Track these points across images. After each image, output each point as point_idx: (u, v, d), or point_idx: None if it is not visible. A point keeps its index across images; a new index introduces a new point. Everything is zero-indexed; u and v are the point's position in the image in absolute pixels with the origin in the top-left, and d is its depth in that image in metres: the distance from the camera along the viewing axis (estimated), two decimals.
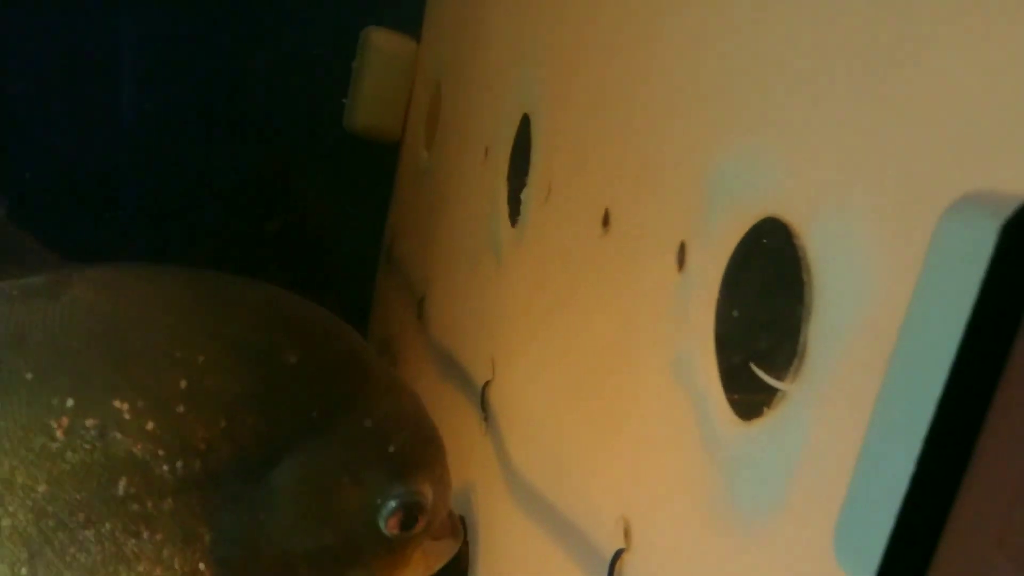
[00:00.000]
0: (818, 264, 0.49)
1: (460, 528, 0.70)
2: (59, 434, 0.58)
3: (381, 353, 1.44)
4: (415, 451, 0.66)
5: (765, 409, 0.53)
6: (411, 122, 1.51)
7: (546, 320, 0.87)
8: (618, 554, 0.72)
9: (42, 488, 0.58)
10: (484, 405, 1.01)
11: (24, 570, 0.58)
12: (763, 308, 0.54)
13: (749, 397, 0.54)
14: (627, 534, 0.70)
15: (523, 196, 0.95)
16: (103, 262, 0.67)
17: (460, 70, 1.29)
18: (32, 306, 0.61)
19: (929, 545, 0.33)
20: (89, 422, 0.58)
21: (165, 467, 0.59)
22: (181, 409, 0.59)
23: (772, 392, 0.52)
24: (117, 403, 0.59)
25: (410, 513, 0.64)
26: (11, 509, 0.58)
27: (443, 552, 0.69)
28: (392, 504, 0.63)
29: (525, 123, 0.97)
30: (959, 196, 0.35)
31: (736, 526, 0.56)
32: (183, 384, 0.59)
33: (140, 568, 0.59)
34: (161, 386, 0.59)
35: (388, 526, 0.63)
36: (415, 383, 1.32)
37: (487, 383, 1.01)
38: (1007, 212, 0.31)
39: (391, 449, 0.64)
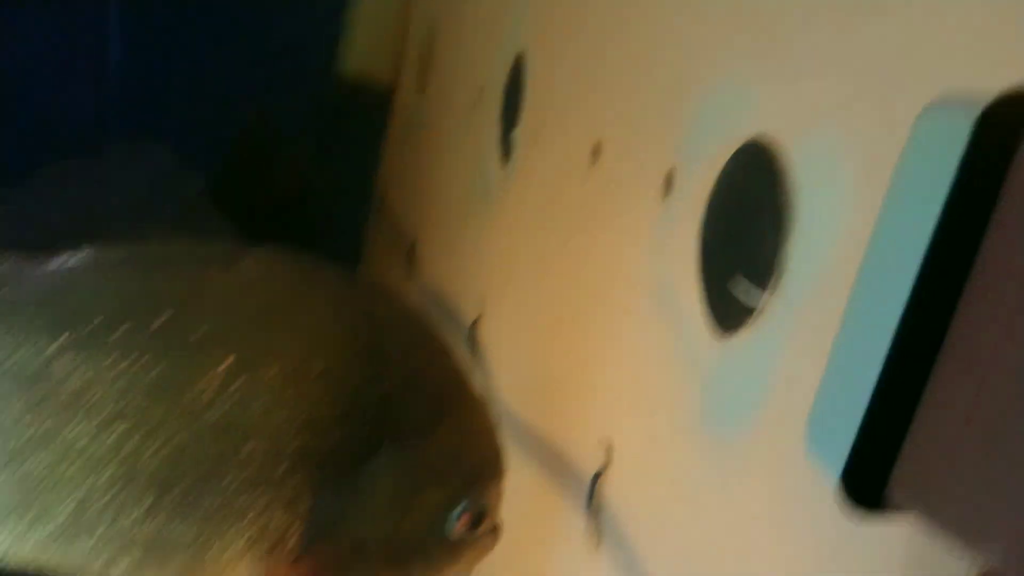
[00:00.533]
0: (798, 184, 0.50)
1: (500, 527, 0.73)
2: (209, 393, 0.64)
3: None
4: (489, 461, 0.72)
5: (743, 326, 0.55)
6: (404, 67, 1.51)
7: (536, 255, 0.89)
8: (599, 473, 0.74)
9: (182, 438, 0.64)
10: (472, 342, 1.03)
11: (148, 510, 0.65)
12: (744, 230, 0.56)
13: (728, 315, 0.56)
14: (609, 454, 0.72)
15: (514, 135, 0.97)
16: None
17: (453, 13, 1.29)
18: (208, 273, 0.68)
19: (899, 431, 0.34)
20: (236, 385, 0.64)
21: (289, 438, 0.65)
22: (315, 389, 0.65)
23: (750, 310, 0.54)
24: (264, 373, 0.65)
25: (477, 517, 0.70)
26: (152, 454, 0.64)
27: (491, 544, 0.73)
28: (464, 507, 0.69)
29: (518, 64, 0.98)
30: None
31: (712, 440, 0.58)
32: (321, 366, 0.65)
33: (242, 524, 0.65)
34: (304, 365, 0.65)
35: (456, 527, 0.69)
36: None
37: (476, 320, 1.03)
38: (980, 106, 0.33)
39: (472, 457, 0.70)
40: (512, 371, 0.92)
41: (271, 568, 0.68)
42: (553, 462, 0.81)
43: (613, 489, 0.72)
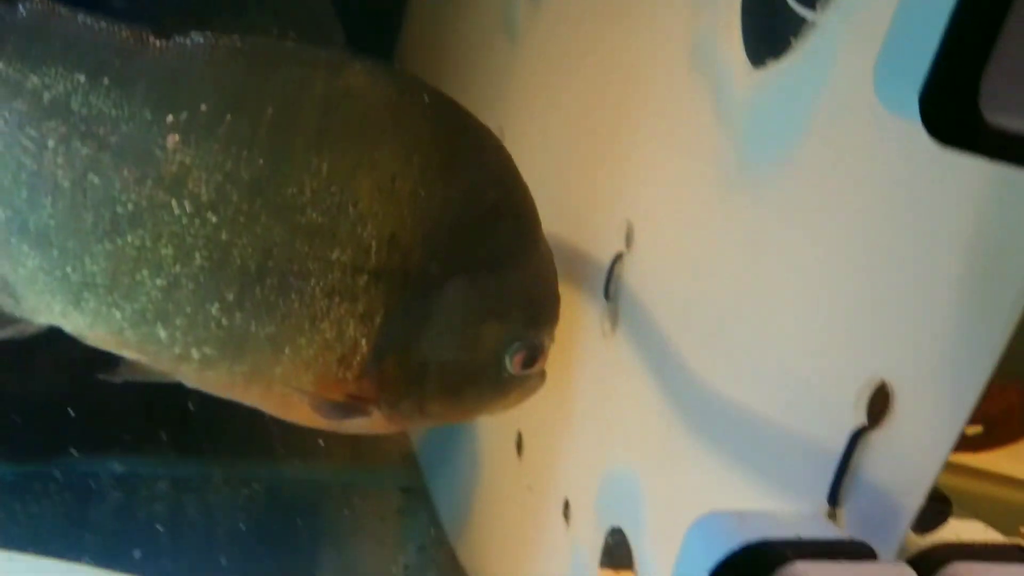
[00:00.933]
0: None
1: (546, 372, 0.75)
2: (303, 196, 0.65)
3: None
4: (547, 304, 0.73)
5: (789, 49, 0.52)
6: None
7: (564, 54, 0.86)
8: (617, 258, 0.73)
9: (272, 236, 0.64)
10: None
11: (231, 303, 0.65)
12: None
13: (774, 38, 0.54)
14: (629, 237, 0.70)
15: None
16: None
17: None
18: (315, 76, 0.67)
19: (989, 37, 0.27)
20: (330, 193, 0.65)
21: (372, 252, 0.66)
22: (402, 208, 0.66)
23: (799, 26, 0.52)
24: (356, 184, 0.65)
25: (531, 356, 0.71)
26: (242, 248, 0.64)
27: (537, 386, 0.74)
28: (521, 346, 0.70)
29: None
30: None
31: (747, 181, 0.56)
32: (411, 186, 0.66)
33: (317, 330, 0.66)
34: (395, 181, 0.66)
35: (512, 363, 0.70)
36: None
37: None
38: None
39: (534, 300, 0.72)
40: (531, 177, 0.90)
41: (339, 379, 0.68)
42: (570, 248, 0.79)
43: (631, 273, 0.70)
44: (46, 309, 0.68)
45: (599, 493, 0.72)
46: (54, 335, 0.94)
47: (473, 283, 0.69)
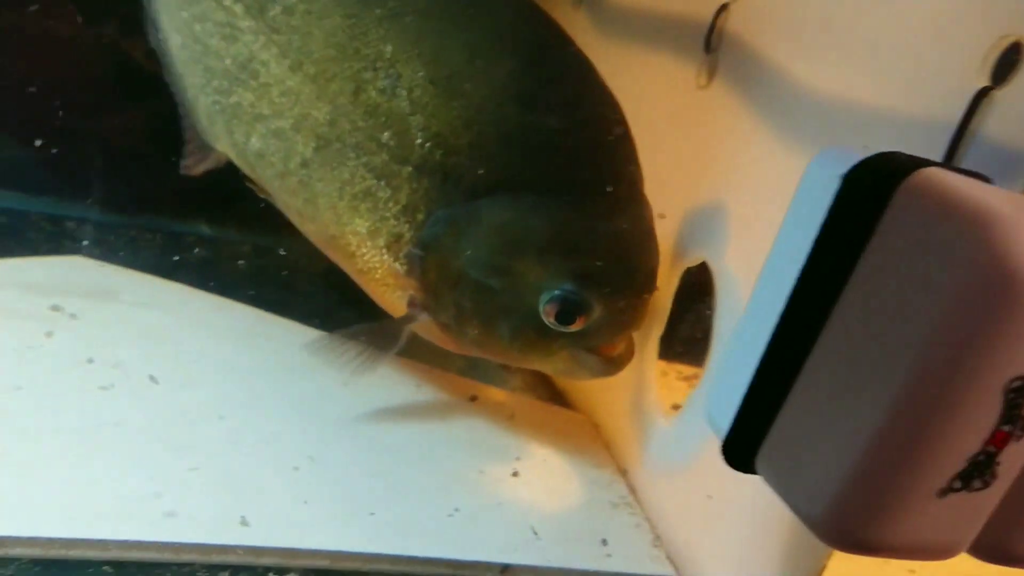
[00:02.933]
0: None
1: (623, 360, 0.69)
2: (371, 69, 0.67)
3: None
4: (611, 270, 0.65)
5: None
6: None
7: None
8: (722, 8, 0.73)
9: (342, 101, 0.68)
10: None
11: (308, 157, 0.70)
12: None
13: None
14: None
15: None
16: None
17: None
18: None
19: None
20: (394, 71, 0.67)
21: (421, 142, 0.66)
22: (460, 106, 0.65)
23: None
24: (420, 70, 0.66)
25: (567, 310, 0.64)
26: (320, 107, 0.69)
27: (592, 369, 0.68)
28: (556, 294, 0.64)
29: None
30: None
31: None
32: (473, 87, 0.65)
33: (365, 207, 0.68)
34: (459, 77, 0.66)
35: (544, 311, 0.65)
36: None
37: None
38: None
39: (593, 247, 0.65)
40: None
41: (387, 263, 0.69)
42: (665, 8, 0.80)
43: (737, 23, 0.70)
44: (215, 138, 0.80)
45: (680, 235, 0.74)
46: (144, 88, 0.99)
47: (517, 206, 0.64)
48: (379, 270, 0.70)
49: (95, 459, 0.59)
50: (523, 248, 0.64)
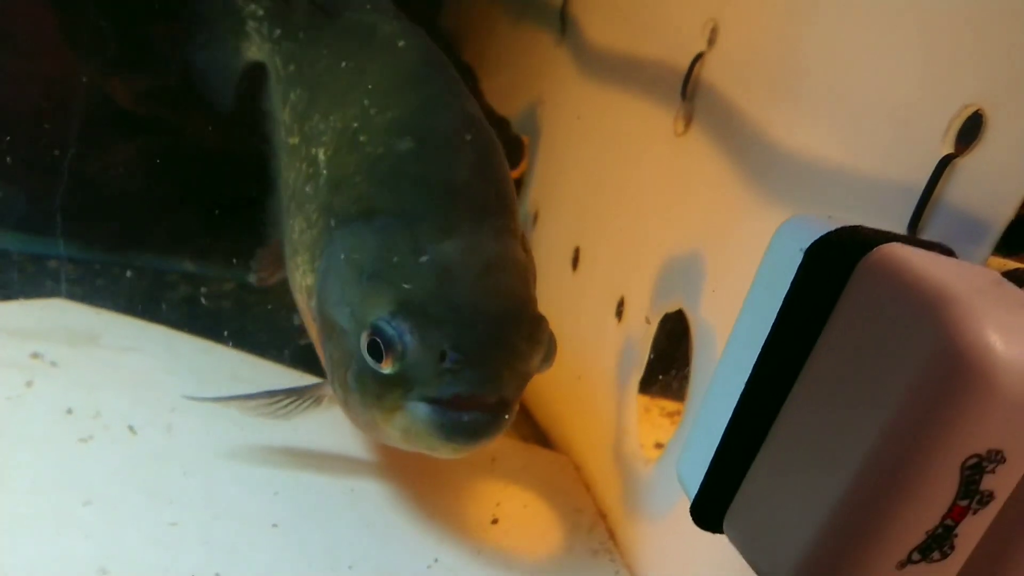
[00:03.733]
0: None
1: (477, 429, 0.60)
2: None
3: (453, 40, 1.42)
4: (438, 302, 0.59)
5: None
6: None
7: None
8: (698, 58, 0.74)
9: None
10: (564, 18, 1.02)
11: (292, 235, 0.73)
12: None
13: None
14: (712, 37, 0.72)
15: None
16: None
17: None
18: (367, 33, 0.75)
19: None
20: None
21: (323, 185, 0.68)
22: (346, 160, 0.67)
23: None
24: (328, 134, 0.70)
25: (375, 343, 0.58)
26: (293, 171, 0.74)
27: (429, 427, 0.59)
28: (370, 325, 0.58)
29: None
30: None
31: None
32: (364, 148, 0.66)
33: (296, 259, 0.71)
34: (352, 138, 0.67)
35: (360, 346, 0.59)
36: (487, 51, 1.33)
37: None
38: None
39: (413, 283, 0.59)
40: (604, 14, 0.90)
41: (311, 320, 0.71)
42: (647, 46, 0.81)
43: (713, 72, 0.71)
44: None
45: (657, 282, 0.75)
46: (136, 131, 0.99)
47: (363, 232, 0.61)
48: (310, 327, 0.70)
49: (71, 515, 0.60)
50: (354, 278, 0.61)
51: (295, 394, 0.69)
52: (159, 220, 0.99)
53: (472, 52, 1.27)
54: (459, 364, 0.57)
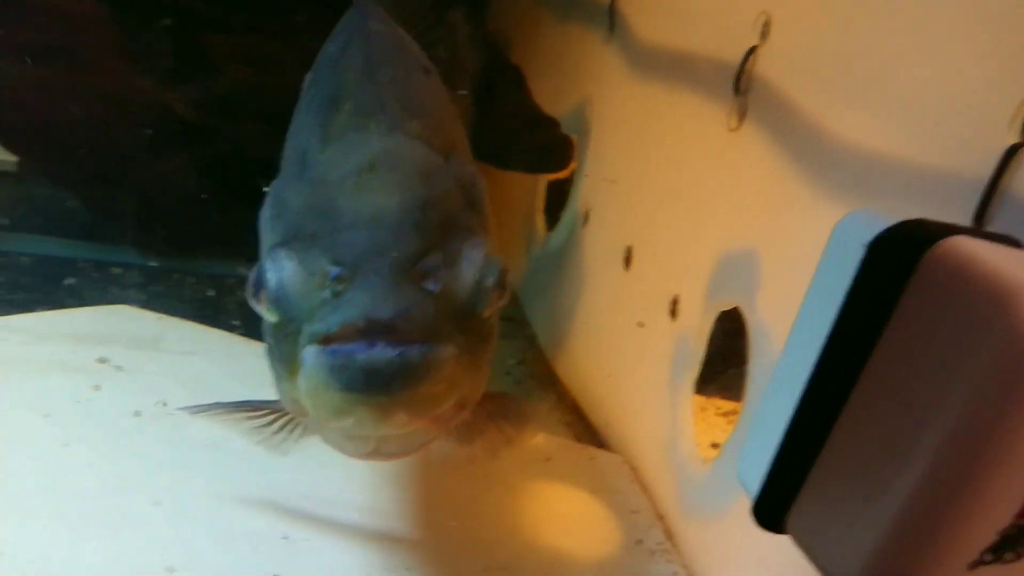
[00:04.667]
0: None
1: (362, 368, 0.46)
2: None
3: (498, 39, 1.42)
4: (314, 226, 0.51)
5: None
6: None
7: None
8: (751, 52, 0.73)
9: None
10: (612, 16, 1.01)
11: None
12: None
13: None
14: (765, 30, 0.71)
15: None
16: None
17: None
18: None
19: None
20: None
21: None
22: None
23: None
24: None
25: (253, 279, 0.51)
26: None
27: (308, 361, 0.47)
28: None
29: None
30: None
31: None
32: None
33: None
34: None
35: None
36: (532, 50, 1.33)
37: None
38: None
39: (300, 209, 0.52)
40: (654, 15, 0.90)
41: None
42: (697, 41, 0.80)
43: (767, 66, 0.70)
44: None
45: (712, 280, 0.74)
46: (194, 139, 1.02)
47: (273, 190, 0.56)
48: None
49: (140, 516, 0.61)
50: (264, 235, 0.55)
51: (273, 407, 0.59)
52: (216, 226, 1.01)
53: (519, 53, 1.27)
54: (342, 281, 0.47)
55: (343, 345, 0.45)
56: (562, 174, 1.16)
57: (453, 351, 0.47)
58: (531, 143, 1.09)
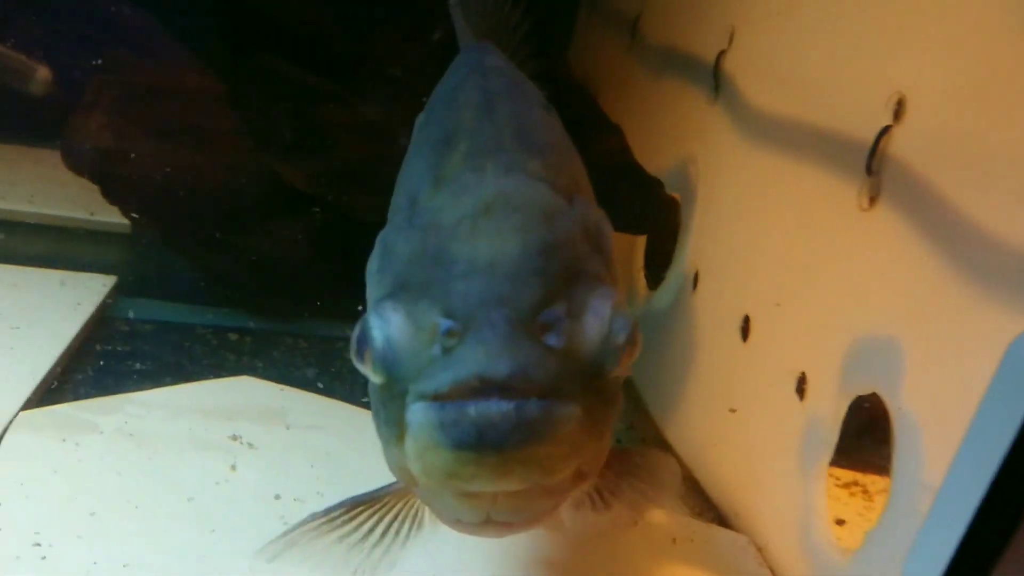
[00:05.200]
0: None
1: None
2: None
3: (586, 85, 1.42)
4: (424, 277, 0.48)
5: None
6: None
7: None
8: (884, 132, 0.72)
9: None
10: (716, 76, 1.01)
11: None
12: None
13: None
14: (899, 110, 0.70)
15: None
16: None
17: None
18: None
19: None
20: None
21: None
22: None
23: None
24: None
25: (358, 346, 0.48)
26: None
27: (416, 419, 0.44)
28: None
29: None
30: None
31: None
32: None
33: None
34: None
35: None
36: (623, 104, 1.33)
37: (722, 53, 1.01)
38: None
39: (410, 258, 0.49)
40: (770, 81, 0.89)
41: None
42: (819, 114, 0.79)
43: (902, 147, 0.69)
44: None
45: (846, 362, 0.73)
46: (308, 209, 1.04)
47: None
48: None
49: None
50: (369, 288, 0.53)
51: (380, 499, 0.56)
52: (329, 292, 1.03)
53: (607, 106, 1.27)
54: (453, 336, 0.44)
55: (453, 403, 0.42)
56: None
57: (575, 411, 0.43)
58: (635, 202, 1.08)
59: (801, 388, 0.79)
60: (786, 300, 0.84)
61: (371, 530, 0.56)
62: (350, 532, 0.56)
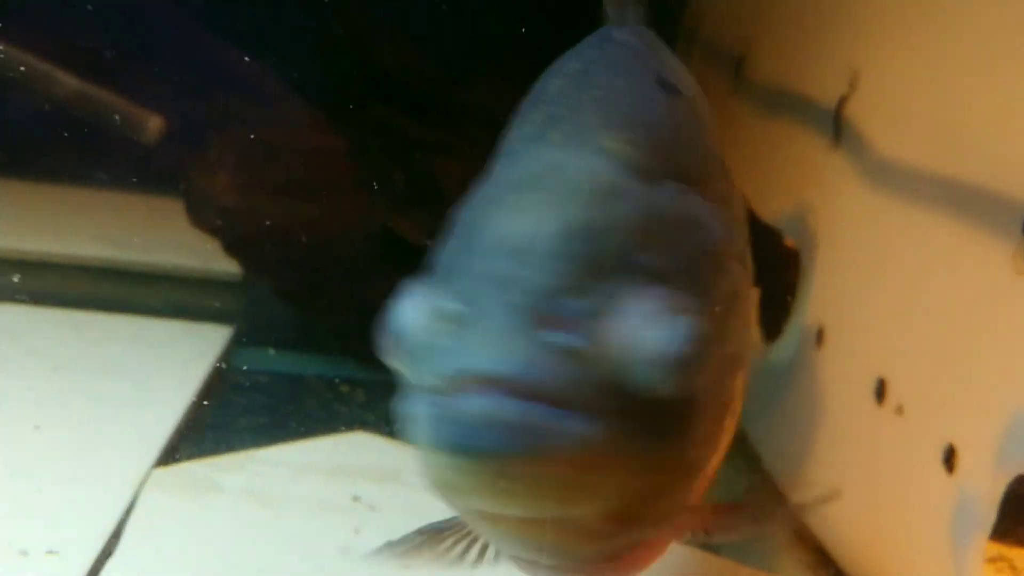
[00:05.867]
0: None
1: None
2: None
3: None
4: (452, 258, 0.44)
5: None
6: None
7: None
8: None
9: None
10: (838, 122, 0.97)
11: None
12: None
13: None
14: None
15: None
16: None
17: None
18: None
19: None
20: None
21: None
22: None
23: None
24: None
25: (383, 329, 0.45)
26: None
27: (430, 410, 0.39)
28: None
29: None
30: None
31: None
32: None
33: None
34: None
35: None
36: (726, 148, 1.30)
37: (843, 98, 0.97)
38: None
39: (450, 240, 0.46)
40: (905, 129, 0.85)
41: None
42: (963, 169, 0.75)
43: None
44: None
45: (1004, 438, 0.69)
46: (407, 256, 1.05)
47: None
48: None
49: None
50: None
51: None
52: None
53: None
54: (459, 319, 0.38)
55: (452, 396, 0.36)
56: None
57: (598, 429, 0.36)
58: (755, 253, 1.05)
59: (950, 461, 0.74)
60: (928, 366, 0.80)
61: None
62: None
